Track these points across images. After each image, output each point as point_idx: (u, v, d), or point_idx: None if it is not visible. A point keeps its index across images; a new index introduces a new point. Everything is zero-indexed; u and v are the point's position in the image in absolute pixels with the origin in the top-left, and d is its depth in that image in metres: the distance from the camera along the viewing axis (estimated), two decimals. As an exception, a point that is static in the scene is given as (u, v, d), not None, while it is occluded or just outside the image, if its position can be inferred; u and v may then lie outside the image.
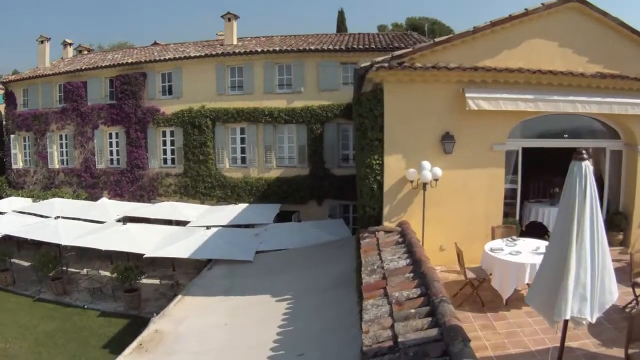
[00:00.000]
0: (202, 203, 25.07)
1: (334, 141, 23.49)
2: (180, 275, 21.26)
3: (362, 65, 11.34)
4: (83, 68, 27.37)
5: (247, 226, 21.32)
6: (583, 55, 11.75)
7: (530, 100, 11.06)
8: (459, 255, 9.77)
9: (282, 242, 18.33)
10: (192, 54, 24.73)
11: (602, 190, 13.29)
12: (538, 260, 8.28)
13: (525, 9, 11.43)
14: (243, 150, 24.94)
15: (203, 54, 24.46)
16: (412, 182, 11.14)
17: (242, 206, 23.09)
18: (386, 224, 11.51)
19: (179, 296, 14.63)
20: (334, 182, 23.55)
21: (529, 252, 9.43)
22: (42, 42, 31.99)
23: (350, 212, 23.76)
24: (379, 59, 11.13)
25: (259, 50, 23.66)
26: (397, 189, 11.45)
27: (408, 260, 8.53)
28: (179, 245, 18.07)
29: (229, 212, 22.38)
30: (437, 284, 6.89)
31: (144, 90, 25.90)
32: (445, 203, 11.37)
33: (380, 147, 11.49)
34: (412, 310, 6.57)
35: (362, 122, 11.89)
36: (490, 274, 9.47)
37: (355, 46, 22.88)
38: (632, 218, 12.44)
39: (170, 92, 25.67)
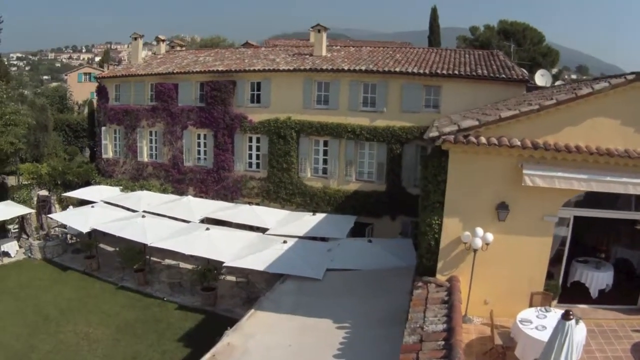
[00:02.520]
0: (282, 208, 27.79)
1: (412, 161, 25.51)
2: (256, 276, 23.56)
3: (431, 135, 13.14)
4: (175, 72, 30.55)
5: (321, 239, 23.57)
6: (645, 135, 12.85)
7: (584, 180, 12.44)
8: (492, 322, 11.94)
9: (351, 262, 20.25)
10: (281, 67, 27.30)
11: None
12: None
13: (592, 88, 12.55)
14: (325, 162, 27.48)
15: (292, 68, 26.97)
16: (465, 243, 13.12)
17: (319, 216, 25.32)
18: (439, 276, 13.61)
19: (252, 310, 16.73)
20: (408, 200, 25.44)
21: (553, 328, 11.20)
22: (135, 38, 35.62)
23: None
24: (447, 129, 12.91)
25: (346, 68, 25.83)
26: (451, 247, 13.44)
27: (445, 325, 10.65)
28: (256, 256, 20.37)
29: (306, 222, 24.67)
30: (457, 360, 8.99)
31: (233, 97, 28.83)
32: (494, 264, 13.19)
33: (440, 210, 13.46)
34: (432, 382, 8.74)
35: (426, 185, 13.93)
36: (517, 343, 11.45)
37: (439, 72, 24.56)
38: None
39: (258, 101, 28.45)
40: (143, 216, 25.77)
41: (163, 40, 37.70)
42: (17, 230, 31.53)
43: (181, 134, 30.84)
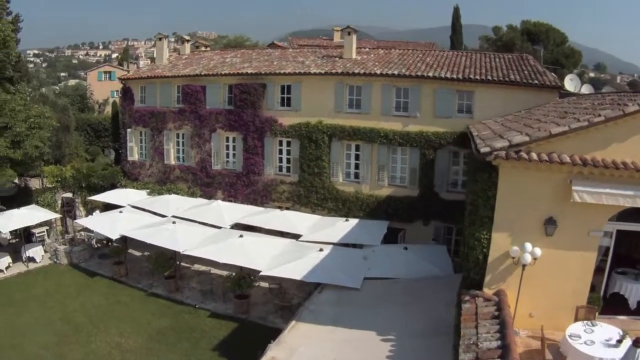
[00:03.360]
0: (313, 212, 28.43)
1: (445, 167, 26.01)
2: (288, 282, 23.69)
3: (482, 150, 13.58)
4: (202, 74, 31.13)
5: (355, 245, 23.86)
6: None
7: (629, 196, 12.96)
8: (543, 339, 12.59)
9: (388, 270, 20.57)
10: (312, 71, 27.78)
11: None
12: (607, 354, 10.91)
13: (639, 104, 13.19)
14: (357, 167, 28.02)
15: (323, 72, 27.47)
16: (513, 258, 13.69)
17: (352, 222, 25.82)
18: (486, 290, 14.19)
19: (293, 322, 16.95)
20: (441, 206, 26.12)
21: (601, 342, 11.89)
22: (160, 39, 36.26)
23: (453, 234, 26.39)
24: (498, 145, 13.38)
25: (379, 72, 26.29)
26: (499, 261, 14.01)
27: (499, 342, 11.22)
28: (293, 265, 20.74)
29: (340, 228, 25.08)
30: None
31: (263, 100, 29.37)
32: (540, 278, 13.74)
33: (489, 224, 14.02)
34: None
35: (475, 200, 14.49)
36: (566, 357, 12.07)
37: (472, 77, 24.89)
38: None
39: (288, 104, 29.01)
40: (174, 222, 26.02)
41: (187, 40, 38.24)
42: (42, 234, 32.26)
43: (209, 137, 31.41)
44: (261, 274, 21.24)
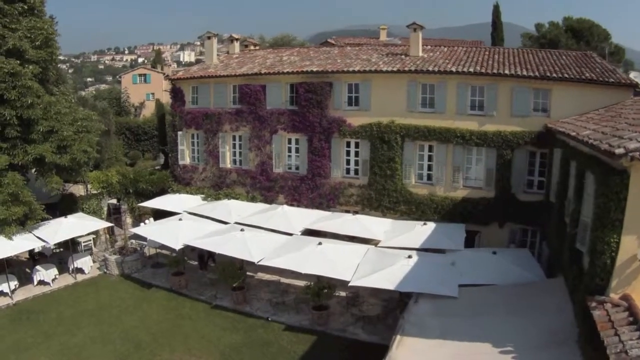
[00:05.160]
0: (384, 216, 28.87)
1: (522, 167, 26.56)
2: (362, 290, 24.01)
3: (617, 152, 13.60)
4: (262, 72, 31.54)
5: (437, 250, 23.96)
6: None
7: None
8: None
9: (480, 276, 20.59)
10: (382, 68, 28.28)
11: None
12: None
13: None
14: (429, 168, 28.52)
15: (395, 69, 27.96)
16: (640, 260, 14.32)
17: (430, 226, 26.24)
18: (612, 295, 14.72)
19: (398, 336, 16.54)
20: (517, 207, 26.64)
21: None
22: (209, 37, 36.76)
23: (529, 236, 26.98)
24: (632, 146, 13.54)
25: (454, 70, 26.77)
26: (626, 265, 14.47)
27: (648, 348, 11.84)
28: (383, 274, 20.85)
29: (419, 232, 25.45)
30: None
31: (329, 99, 29.86)
32: None
33: (619, 228, 14.53)
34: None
35: (607, 203, 15.03)
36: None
37: (549, 75, 25.34)
38: None
39: (356, 104, 29.50)
40: (242, 230, 26.02)
41: (237, 39, 38.75)
42: (89, 243, 32.82)
43: (270, 138, 31.91)
44: (350, 284, 21.29)
